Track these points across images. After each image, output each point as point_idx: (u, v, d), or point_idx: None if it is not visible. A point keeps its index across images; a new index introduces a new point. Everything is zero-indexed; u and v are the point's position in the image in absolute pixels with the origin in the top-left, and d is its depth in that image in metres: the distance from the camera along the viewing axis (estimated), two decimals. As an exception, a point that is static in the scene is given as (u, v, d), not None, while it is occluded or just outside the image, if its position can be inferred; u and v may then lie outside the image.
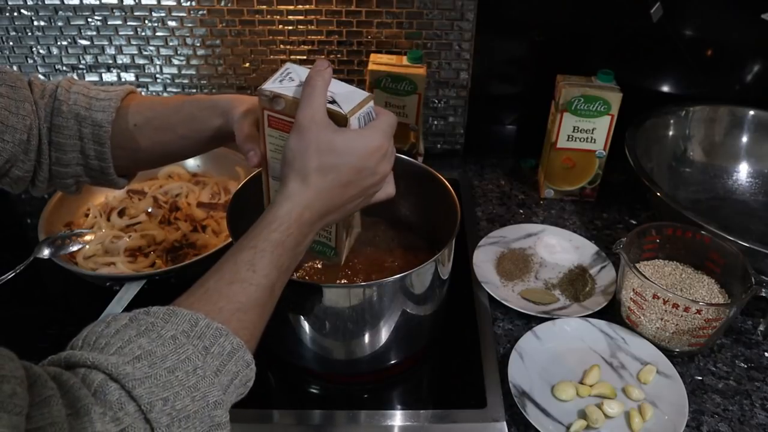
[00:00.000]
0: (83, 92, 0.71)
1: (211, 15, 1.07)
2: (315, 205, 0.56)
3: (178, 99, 0.73)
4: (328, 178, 0.56)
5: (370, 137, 0.57)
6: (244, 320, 0.51)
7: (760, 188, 1.07)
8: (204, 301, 0.50)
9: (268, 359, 0.81)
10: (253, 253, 0.53)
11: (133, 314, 0.48)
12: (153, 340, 0.45)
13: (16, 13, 1.08)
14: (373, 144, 0.57)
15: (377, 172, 0.59)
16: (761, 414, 0.76)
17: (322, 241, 0.67)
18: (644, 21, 1.04)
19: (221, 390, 0.47)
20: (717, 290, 0.84)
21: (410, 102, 1.03)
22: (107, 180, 0.74)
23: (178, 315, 0.47)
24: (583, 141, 1.03)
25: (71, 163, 0.72)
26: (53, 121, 0.70)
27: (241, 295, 0.51)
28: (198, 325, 0.47)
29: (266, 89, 0.59)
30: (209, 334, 0.47)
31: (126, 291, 0.84)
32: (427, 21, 1.07)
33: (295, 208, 0.55)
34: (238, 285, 0.51)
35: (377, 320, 0.72)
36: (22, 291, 0.89)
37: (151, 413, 0.42)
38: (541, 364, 0.79)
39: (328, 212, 0.58)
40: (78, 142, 0.71)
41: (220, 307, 0.50)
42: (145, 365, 0.43)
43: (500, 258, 0.96)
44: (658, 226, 0.87)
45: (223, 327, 0.48)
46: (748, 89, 1.12)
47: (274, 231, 0.54)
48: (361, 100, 0.59)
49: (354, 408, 0.75)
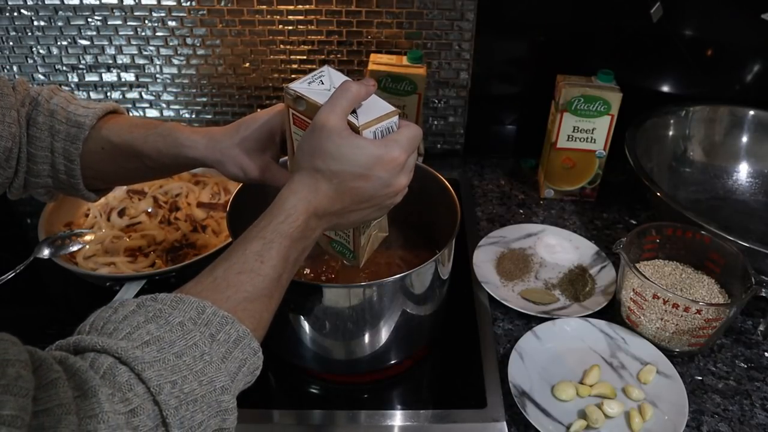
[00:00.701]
0: (63, 105, 0.70)
1: (211, 15, 1.07)
2: (323, 203, 0.56)
3: (149, 127, 0.70)
4: (333, 182, 0.56)
5: (383, 149, 0.56)
6: (250, 309, 0.51)
7: (760, 188, 1.07)
8: (212, 289, 0.50)
9: (268, 359, 0.81)
10: (262, 243, 0.53)
11: (140, 300, 0.48)
12: (161, 326, 0.46)
13: (16, 13, 1.08)
14: (386, 155, 0.56)
15: (392, 184, 0.58)
16: (761, 414, 0.76)
17: (341, 242, 0.67)
18: (644, 21, 1.04)
19: (228, 377, 0.47)
20: (717, 290, 0.84)
21: (410, 102, 1.03)
22: (78, 194, 0.73)
23: (185, 302, 0.48)
24: (583, 141, 1.03)
25: (41, 174, 0.71)
26: (29, 131, 0.69)
27: (249, 284, 0.51)
28: (205, 313, 0.47)
29: (291, 89, 0.59)
30: (216, 322, 0.48)
31: (126, 291, 0.84)
32: (427, 21, 1.07)
33: (301, 202, 0.55)
34: (246, 275, 0.52)
35: (377, 320, 0.72)
36: (22, 291, 0.89)
37: (160, 395, 0.42)
38: (541, 364, 0.79)
39: (337, 214, 0.58)
40: (49, 155, 0.70)
41: (227, 296, 0.50)
42: (154, 350, 0.44)
43: (500, 258, 0.96)
44: (658, 226, 0.87)
45: (229, 315, 0.48)
46: (748, 89, 1.12)
47: (282, 223, 0.54)
48: (381, 114, 0.58)
49: (354, 408, 0.75)
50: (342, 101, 0.56)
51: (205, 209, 1.00)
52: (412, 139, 0.58)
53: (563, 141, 1.04)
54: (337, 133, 0.55)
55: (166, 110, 1.19)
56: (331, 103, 0.56)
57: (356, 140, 0.56)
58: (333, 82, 0.60)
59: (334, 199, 0.56)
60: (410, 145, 0.58)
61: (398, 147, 0.57)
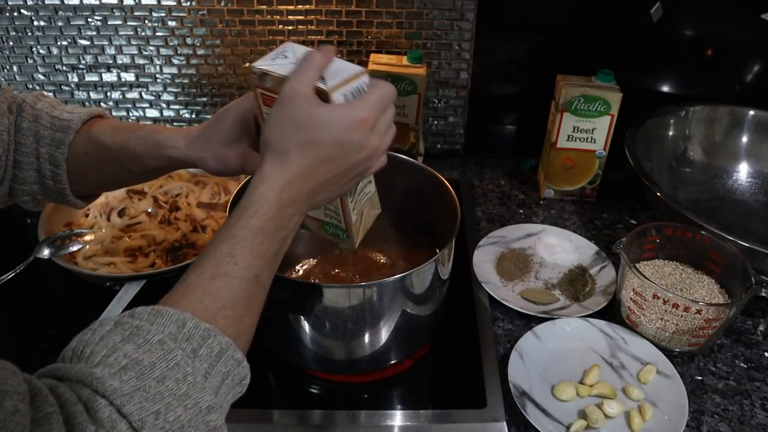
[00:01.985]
0: (47, 110, 0.69)
1: (211, 15, 1.07)
2: (296, 184, 0.53)
3: (131, 131, 0.69)
4: (308, 155, 0.53)
5: (355, 110, 0.54)
6: (230, 317, 0.49)
7: (760, 188, 1.07)
8: (187, 298, 0.48)
9: (268, 359, 0.81)
10: (233, 243, 0.50)
11: (118, 318, 0.46)
12: (139, 346, 0.43)
13: (16, 13, 1.08)
14: (358, 116, 0.54)
15: (364, 146, 0.55)
16: (761, 414, 0.76)
17: (333, 223, 0.65)
18: (644, 21, 1.04)
19: (212, 393, 0.45)
20: (717, 290, 0.84)
21: (410, 102, 1.03)
22: (65, 201, 0.73)
23: (164, 315, 0.45)
24: (583, 141, 1.03)
25: (27, 181, 0.70)
26: (15, 137, 0.69)
27: (225, 290, 0.49)
28: (186, 326, 0.45)
29: (256, 66, 0.57)
30: (197, 335, 0.45)
31: (126, 291, 0.84)
32: (427, 21, 1.07)
33: (272, 191, 0.52)
34: (220, 280, 0.49)
35: (377, 320, 0.72)
36: (22, 291, 0.89)
37: (144, 430, 0.40)
38: (541, 364, 0.79)
39: (314, 192, 0.55)
40: (35, 161, 0.69)
41: (204, 306, 0.48)
42: (133, 377, 0.41)
43: (500, 258, 0.96)
44: (658, 226, 0.87)
45: (210, 327, 0.46)
46: (748, 89, 1.12)
47: (252, 217, 0.51)
48: (349, 75, 0.56)
49: (354, 408, 0.75)
50: (309, 70, 0.54)
51: (205, 209, 1.00)
52: (381, 97, 0.56)
53: (563, 141, 1.04)
54: (307, 101, 0.53)
55: (166, 110, 1.19)
56: (297, 73, 0.54)
57: (327, 106, 0.54)
58: (297, 55, 0.58)
59: (308, 177, 0.54)
60: (380, 103, 0.55)
61: (366, 106, 0.54)
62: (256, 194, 0.52)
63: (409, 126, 1.06)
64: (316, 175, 0.54)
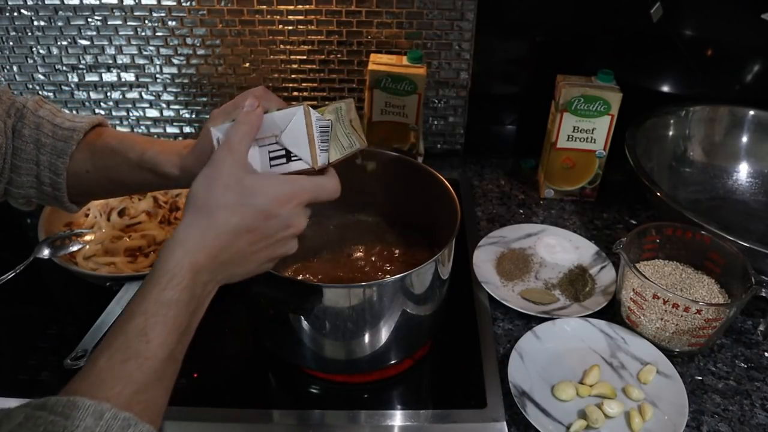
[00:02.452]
0: (49, 118, 0.69)
1: (211, 15, 1.07)
2: (214, 248, 0.51)
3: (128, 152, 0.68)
4: (232, 220, 0.52)
5: (286, 185, 0.53)
6: (145, 401, 0.46)
7: (760, 188, 1.07)
8: (98, 386, 0.45)
9: (268, 359, 0.81)
10: (144, 319, 0.47)
11: (28, 411, 0.41)
12: None
13: (16, 13, 1.08)
14: (288, 191, 0.53)
15: (289, 225, 0.54)
16: (761, 414, 0.76)
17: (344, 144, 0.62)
18: (644, 21, 1.04)
19: None
20: (717, 290, 0.84)
21: (410, 102, 1.03)
22: (60, 205, 0.73)
23: (79, 408, 0.41)
24: (583, 141, 1.03)
25: (24, 185, 0.70)
26: (14, 142, 0.68)
27: (137, 372, 0.46)
28: (103, 418, 0.41)
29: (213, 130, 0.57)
30: (116, 427, 0.42)
31: (126, 291, 0.84)
32: (427, 21, 1.07)
33: (187, 256, 0.50)
34: (132, 362, 0.46)
35: (377, 320, 0.72)
36: (22, 291, 0.89)
37: None
38: (541, 364, 0.79)
39: (229, 262, 0.53)
40: (34, 167, 0.69)
41: (117, 392, 0.44)
42: None
43: (500, 258, 0.96)
44: (658, 226, 0.87)
45: (129, 416, 0.43)
46: (748, 89, 1.12)
47: (165, 289, 0.49)
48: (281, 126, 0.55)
49: (354, 408, 0.75)
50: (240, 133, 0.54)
51: (205, 209, 1.00)
52: (319, 186, 0.56)
53: (563, 141, 1.04)
54: (241, 166, 0.53)
55: (166, 110, 1.19)
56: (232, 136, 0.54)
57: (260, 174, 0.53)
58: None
59: (231, 241, 0.52)
60: (316, 189, 0.55)
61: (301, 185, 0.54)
62: (170, 261, 0.50)
63: (409, 126, 1.06)
64: (233, 242, 0.52)
